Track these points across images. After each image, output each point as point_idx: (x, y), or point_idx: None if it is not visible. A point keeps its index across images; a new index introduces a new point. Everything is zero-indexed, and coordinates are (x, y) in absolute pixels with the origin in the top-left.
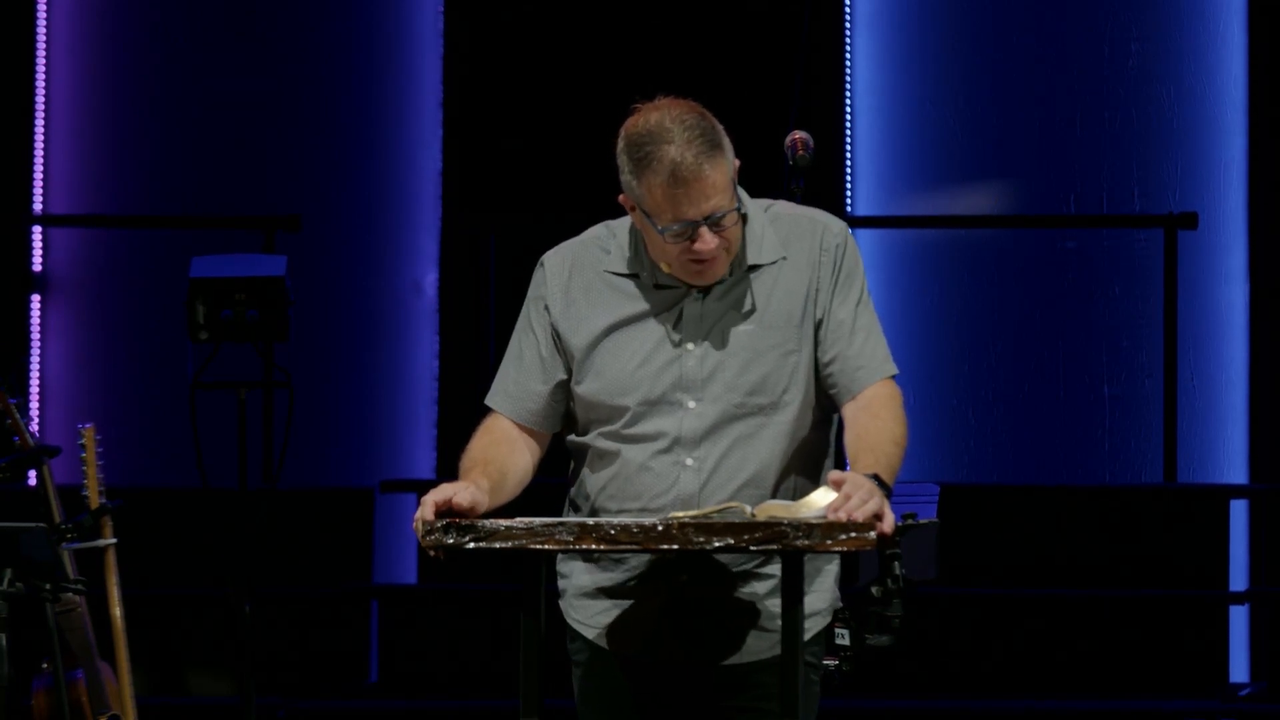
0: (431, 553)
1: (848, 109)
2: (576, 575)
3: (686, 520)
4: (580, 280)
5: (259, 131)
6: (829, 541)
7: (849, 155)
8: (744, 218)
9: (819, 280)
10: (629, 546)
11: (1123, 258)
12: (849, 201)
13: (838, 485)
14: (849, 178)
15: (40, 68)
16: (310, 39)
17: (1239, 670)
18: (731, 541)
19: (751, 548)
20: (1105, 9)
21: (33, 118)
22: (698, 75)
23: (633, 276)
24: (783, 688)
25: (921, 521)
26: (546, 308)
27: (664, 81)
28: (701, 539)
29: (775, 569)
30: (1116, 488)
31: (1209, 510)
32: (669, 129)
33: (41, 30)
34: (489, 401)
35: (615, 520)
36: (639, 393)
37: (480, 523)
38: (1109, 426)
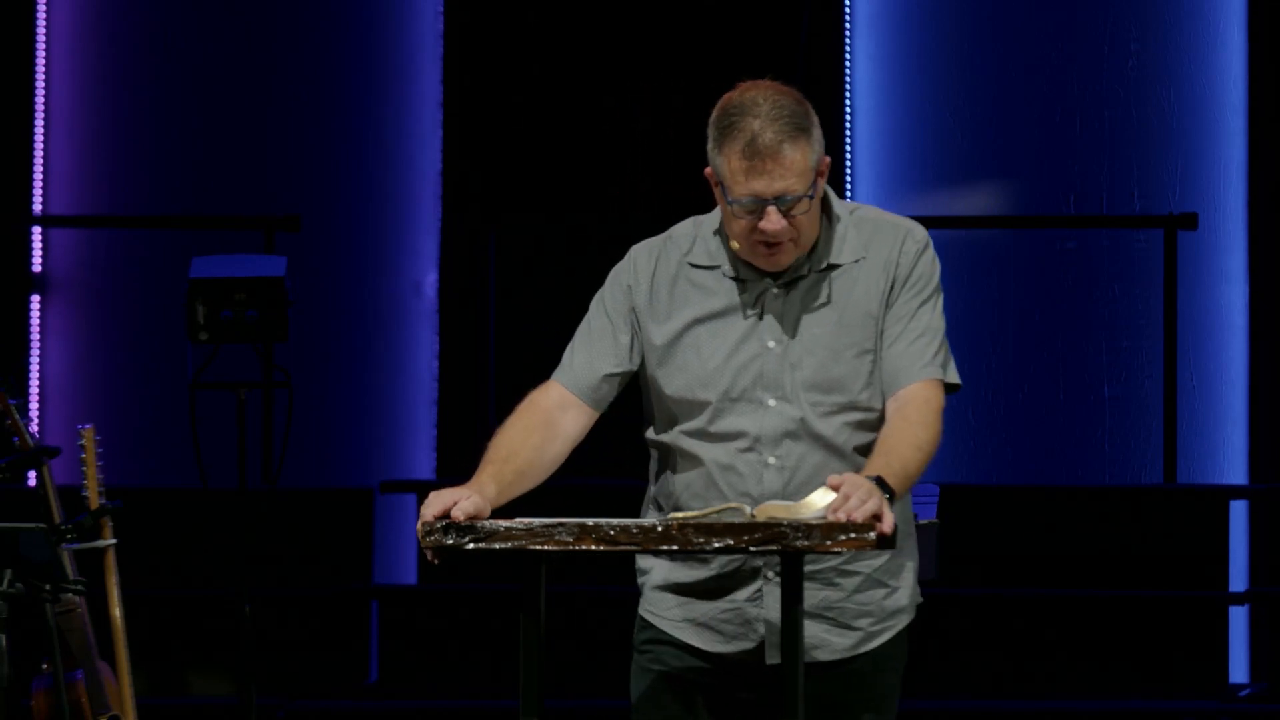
0: (429, 554)
1: (848, 109)
2: (656, 571)
3: (686, 521)
4: (665, 272)
5: (259, 131)
6: (829, 542)
7: (849, 155)
8: (830, 217)
9: (894, 281)
10: (629, 547)
11: (1122, 258)
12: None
13: (836, 487)
14: (849, 178)
15: (40, 68)
16: (310, 39)
17: (1239, 670)
18: (731, 542)
19: (751, 549)
20: (1105, 9)
21: (33, 118)
22: (698, 75)
23: (714, 269)
24: (784, 688)
25: (921, 522)
26: (630, 289)
27: (663, 81)
28: (701, 539)
29: (862, 565)
30: (1116, 488)
31: (1209, 510)
32: (759, 104)
33: (41, 30)
34: (555, 376)
35: (614, 521)
36: (720, 387)
37: (480, 523)
38: (1109, 427)
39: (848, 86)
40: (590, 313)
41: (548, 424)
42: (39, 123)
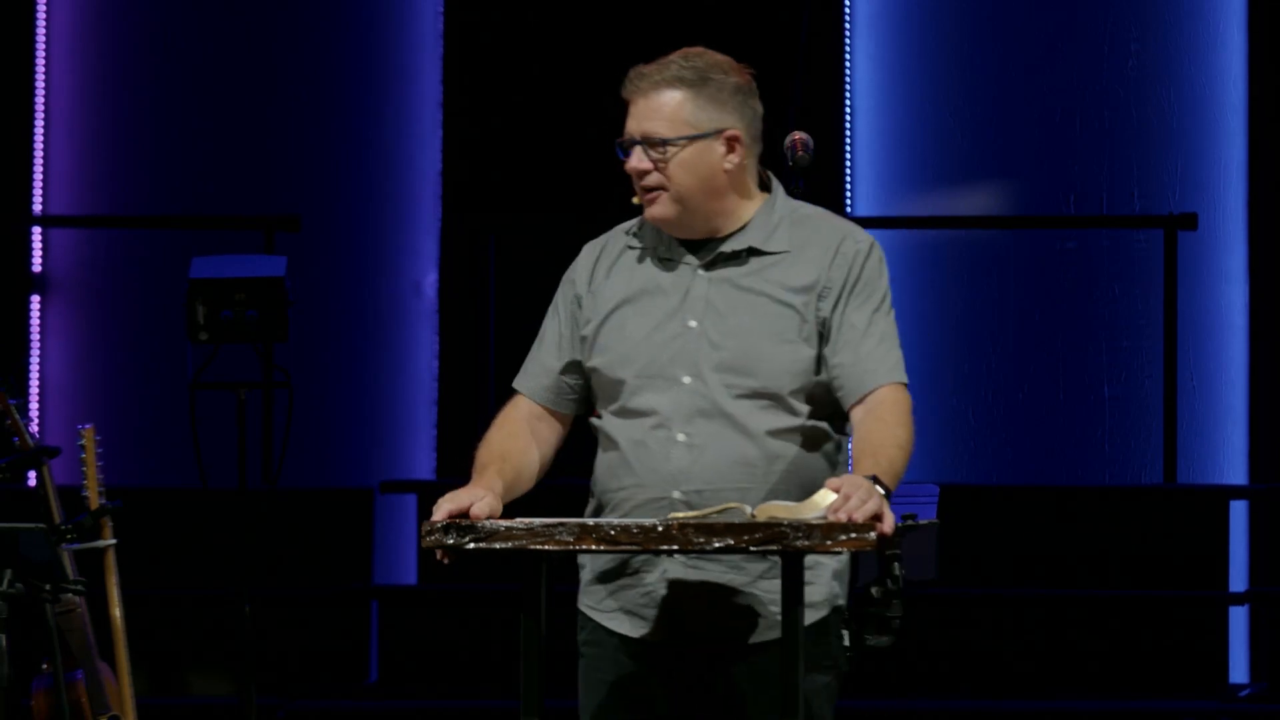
0: (439, 554)
1: (848, 109)
2: (590, 564)
3: (687, 521)
4: (608, 256)
5: (259, 131)
6: (829, 542)
7: (849, 155)
8: (766, 205)
9: (829, 280)
10: (629, 547)
11: (1122, 258)
12: (849, 201)
13: (836, 488)
14: (849, 178)
15: (40, 68)
16: (310, 39)
17: (1239, 670)
18: (731, 542)
19: (751, 548)
20: (1105, 9)
21: (33, 118)
22: None
23: (646, 249)
24: (784, 689)
25: (921, 522)
26: (574, 282)
27: None
28: (701, 539)
29: None
30: (1116, 488)
31: (1209, 510)
32: (671, 57)
33: (41, 30)
34: (514, 384)
35: (616, 520)
36: (638, 365)
37: (480, 523)
38: (1109, 427)
39: (848, 86)
40: (545, 320)
41: (524, 431)
42: (39, 123)
